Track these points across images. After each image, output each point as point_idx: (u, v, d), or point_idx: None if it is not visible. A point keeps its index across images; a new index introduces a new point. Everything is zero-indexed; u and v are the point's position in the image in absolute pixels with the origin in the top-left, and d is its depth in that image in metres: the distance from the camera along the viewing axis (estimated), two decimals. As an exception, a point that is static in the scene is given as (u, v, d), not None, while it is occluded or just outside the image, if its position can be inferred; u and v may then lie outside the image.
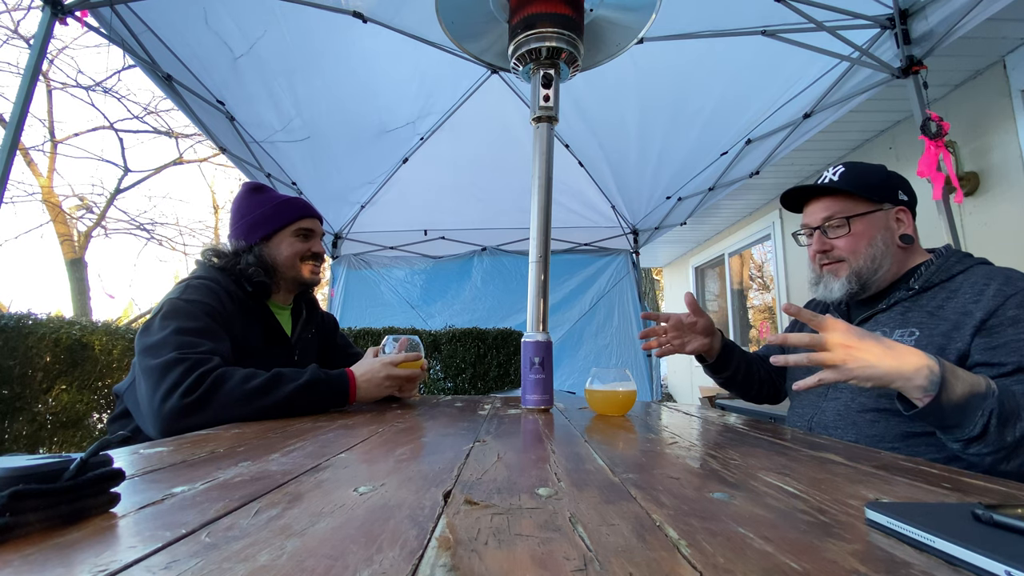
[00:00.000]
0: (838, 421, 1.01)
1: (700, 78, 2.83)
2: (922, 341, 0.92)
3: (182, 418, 0.88)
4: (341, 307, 4.68)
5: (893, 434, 0.92)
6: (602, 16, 1.39)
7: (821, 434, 1.03)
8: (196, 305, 1.04)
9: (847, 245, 1.02)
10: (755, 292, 6.37)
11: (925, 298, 0.98)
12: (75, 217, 8.18)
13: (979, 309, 0.88)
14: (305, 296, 1.36)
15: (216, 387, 0.91)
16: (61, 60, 7.48)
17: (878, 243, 1.01)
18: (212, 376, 0.91)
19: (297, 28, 2.53)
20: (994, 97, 2.87)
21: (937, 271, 0.99)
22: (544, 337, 1.09)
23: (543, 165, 1.25)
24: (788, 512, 0.39)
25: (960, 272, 0.97)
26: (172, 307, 1.02)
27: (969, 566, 0.29)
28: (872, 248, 1.01)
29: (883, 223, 1.02)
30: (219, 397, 0.90)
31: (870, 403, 0.96)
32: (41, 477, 0.33)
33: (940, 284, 0.97)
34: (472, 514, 0.37)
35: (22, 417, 2.65)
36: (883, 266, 1.02)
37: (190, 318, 1.01)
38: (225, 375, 0.93)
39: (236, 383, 0.92)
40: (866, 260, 1.01)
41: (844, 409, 1.01)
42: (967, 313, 0.89)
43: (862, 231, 1.02)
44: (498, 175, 3.92)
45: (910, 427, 0.90)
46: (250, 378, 0.94)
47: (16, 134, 1.81)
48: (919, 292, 0.99)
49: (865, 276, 1.02)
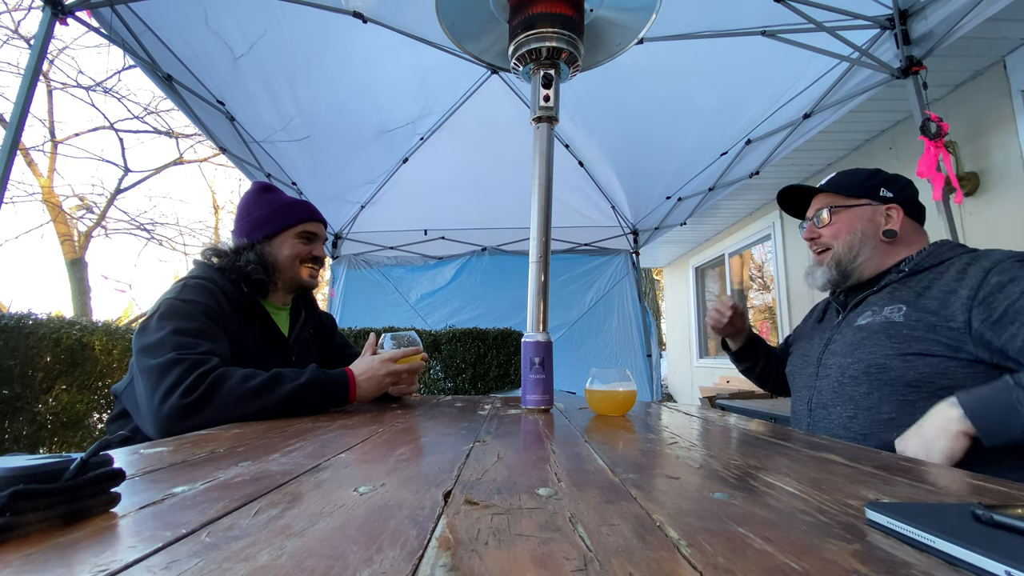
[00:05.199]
0: (835, 398, 1.04)
1: (700, 78, 2.83)
2: (911, 316, 0.96)
3: (182, 418, 0.88)
4: (341, 307, 4.68)
5: (889, 403, 0.95)
6: (602, 16, 1.39)
7: (821, 414, 1.08)
8: (193, 305, 1.04)
9: (830, 232, 1.14)
10: (755, 292, 6.37)
11: (914, 280, 1.03)
12: (75, 217, 8.18)
13: (963, 287, 0.92)
14: (305, 297, 1.36)
15: (215, 387, 0.90)
16: (61, 60, 7.48)
17: (857, 232, 1.10)
18: (211, 376, 0.91)
19: (297, 28, 2.53)
20: (994, 97, 2.87)
21: (928, 256, 1.04)
22: (544, 337, 1.09)
23: (543, 165, 1.25)
24: (788, 512, 0.39)
25: (950, 258, 1.01)
26: (169, 307, 1.02)
27: (969, 566, 0.29)
28: (851, 236, 1.10)
29: (866, 216, 1.11)
30: (218, 397, 0.90)
31: (859, 374, 1.00)
32: (41, 477, 0.33)
33: (930, 268, 1.02)
34: (472, 514, 0.37)
35: (22, 417, 2.65)
36: (862, 255, 1.09)
37: (187, 318, 1.01)
38: (224, 375, 0.93)
39: (235, 383, 0.92)
40: (845, 247, 1.11)
41: (837, 384, 1.04)
42: (951, 292, 0.93)
43: (844, 221, 1.12)
44: (498, 175, 3.92)
45: (904, 395, 0.93)
46: (249, 378, 0.94)
47: (16, 134, 1.81)
48: (909, 275, 1.04)
49: (845, 264, 1.11)
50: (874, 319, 1.02)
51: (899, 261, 1.08)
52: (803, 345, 1.25)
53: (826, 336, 1.15)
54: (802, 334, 1.31)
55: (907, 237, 1.09)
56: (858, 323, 1.06)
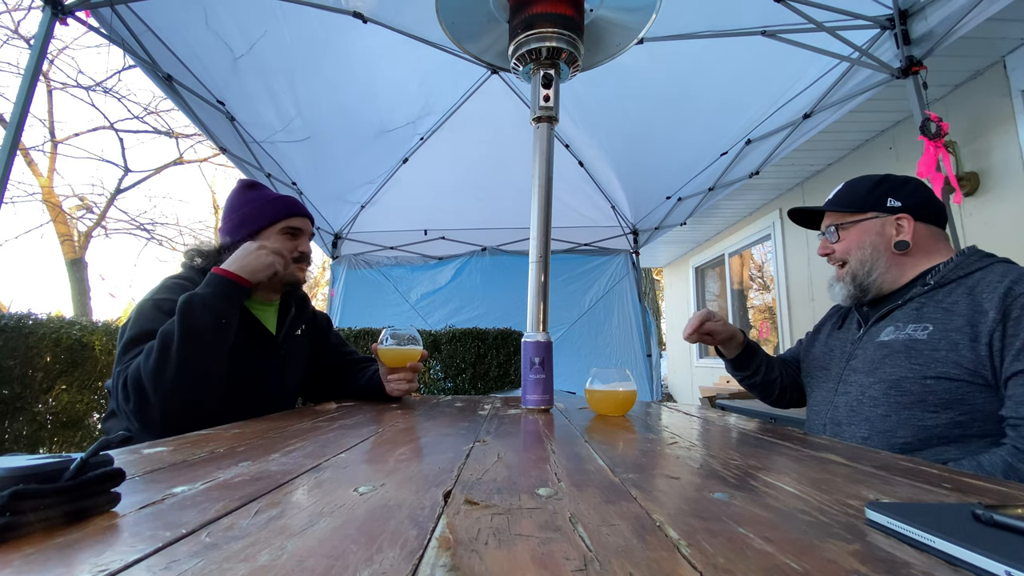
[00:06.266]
0: (851, 416, 1.02)
1: (700, 78, 2.83)
2: (935, 335, 0.93)
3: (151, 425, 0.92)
4: (341, 307, 4.67)
5: (905, 428, 0.92)
6: (602, 16, 1.39)
7: (834, 431, 1.05)
8: (163, 303, 1.04)
9: (840, 248, 1.12)
10: (755, 292, 6.37)
11: (941, 294, 0.98)
12: (75, 217, 8.18)
13: (992, 308, 0.88)
14: (295, 294, 1.34)
15: (136, 385, 0.92)
16: (61, 60, 7.49)
17: (867, 247, 1.07)
18: (128, 379, 0.93)
19: (297, 28, 2.53)
20: (994, 97, 2.87)
21: (956, 267, 0.99)
22: (544, 337, 1.09)
23: (543, 165, 1.25)
24: (788, 512, 0.39)
25: (979, 269, 0.97)
26: (138, 311, 1.05)
27: (969, 566, 0.29)
28: (861, 251, 1.08)
29: (875, 229, 1.07)
30: (146, 388, 0.92)
31: (880, 396, 0.97)
32: (41, 477, 0.33)
33: (957, 280, 0.98)
34: (472, 514, 0.37)
35: (22, 417, 2.65)
36: (876, 269, 1.06)
37: (146, 321, 1.02)
38: (134, 369, 0.94)
39: (143, 367, 0.93)
40: (858, 263, 1.09)
41: (855, 403, 1.02)
42: (981, 311, 0.89)
43: (852, 237, 1.10)
44: (498, 175, 3.92)
45: (921, 420, 0.91)
46: (149, 354, 0.94)
47: (16, 134, 1.81)
48: (935, 287, 1.00)
49: (860, 279, 1.08)
50: (897, 336, 0.99)
51: (923, 272, 1.03)
52: (821, 356, 1.21)
53: (847, 351, 1.11)
54: (818, 340, 1.27)
55: (924, 245, 1.05)
56: (880, 339, 1.02)
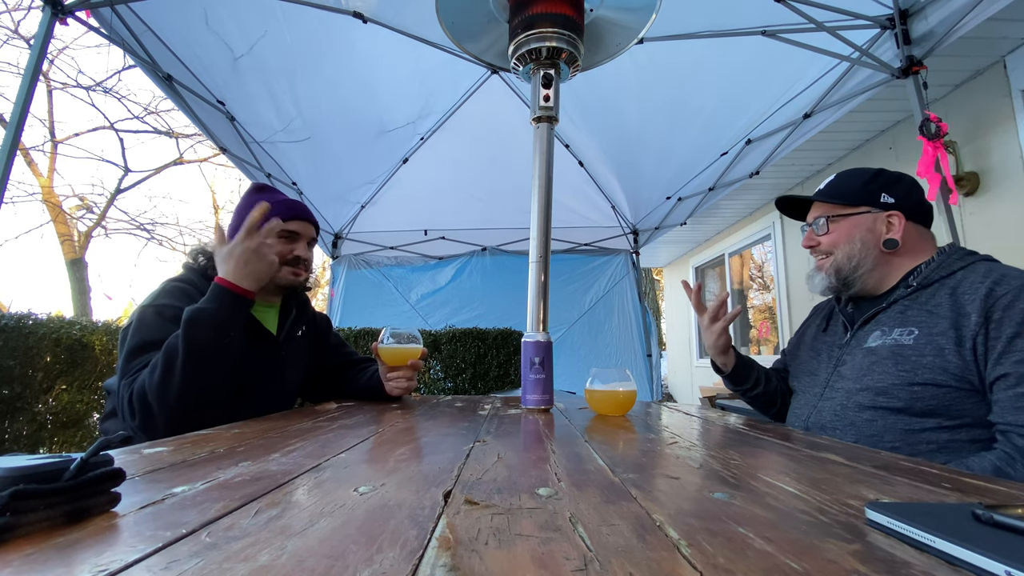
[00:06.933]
0: (835, 421, 1.01)
1: (700, 78, 2.83)
2: (920, 340, 0.92)
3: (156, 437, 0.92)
4: (341, 307, 4.67)
5: (892, 433, 0.92)
6: (602, 16, 1.39)
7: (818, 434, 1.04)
8: (165, 308, 1.04)
9: (828, 241, 1.11)
10: (755, 292, 6.37)
11: (925, 295, 0.98)
12: (75, 217, 8.18)
13: (975, 311, 0.87)
14: (296, 296, 1.35)
15: (142, 403, 0.93)
16: (61, 60, 7.48)
17: (856, 242, 1.06)
18: (134, 396, 0.93)
19: (297, 28, 2.53)
20: (994, 97, 2.87)
21: (937, 267, 0.99)
22: (544, 337, 1.09)
23: (543, 165, 1.25)
24: (788, 512, 0.39)
25: (961, 268, 0.96)
26: (139, 318, 1.04)
27: (969, 566, 0.29)
28: (850, 245, 1.07)
29: (866, 225, 1.06)
30: (152, 402, 0.92)
31: (866, 402, 0.96)
32: (41, 477, 0.33)
33: (940, 280, 0.97)
34: (472, 514, 0.37)
35: (22, 417, 2.65)
36: (863, 265, 1.05)
37: (148, 330, 1.02)
38: (138, 387, 0.94)
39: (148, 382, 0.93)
40: (845, 257, 1.07)
41: (840, 408, 1.01)
42: (964, 314, 0.89)
43: (842, 230, 1.09)
44: (498, 175, 3.92)
45: (909, 425, 0.90)
46: (153, 370, 0.94)
47: (16, 134, 1.81)
48: (918, 289, 0.99)
49: (845, 272, 1.08)
50: (884, 341, 0.99)
51: (906, 274, 1.03)
52: (808, 360, 1.20)
53: (835, 355, 1.11)
54: (803, 344, 1.26)
55: (911, 245, 1.04)
56: (868, 344, 1.02)
